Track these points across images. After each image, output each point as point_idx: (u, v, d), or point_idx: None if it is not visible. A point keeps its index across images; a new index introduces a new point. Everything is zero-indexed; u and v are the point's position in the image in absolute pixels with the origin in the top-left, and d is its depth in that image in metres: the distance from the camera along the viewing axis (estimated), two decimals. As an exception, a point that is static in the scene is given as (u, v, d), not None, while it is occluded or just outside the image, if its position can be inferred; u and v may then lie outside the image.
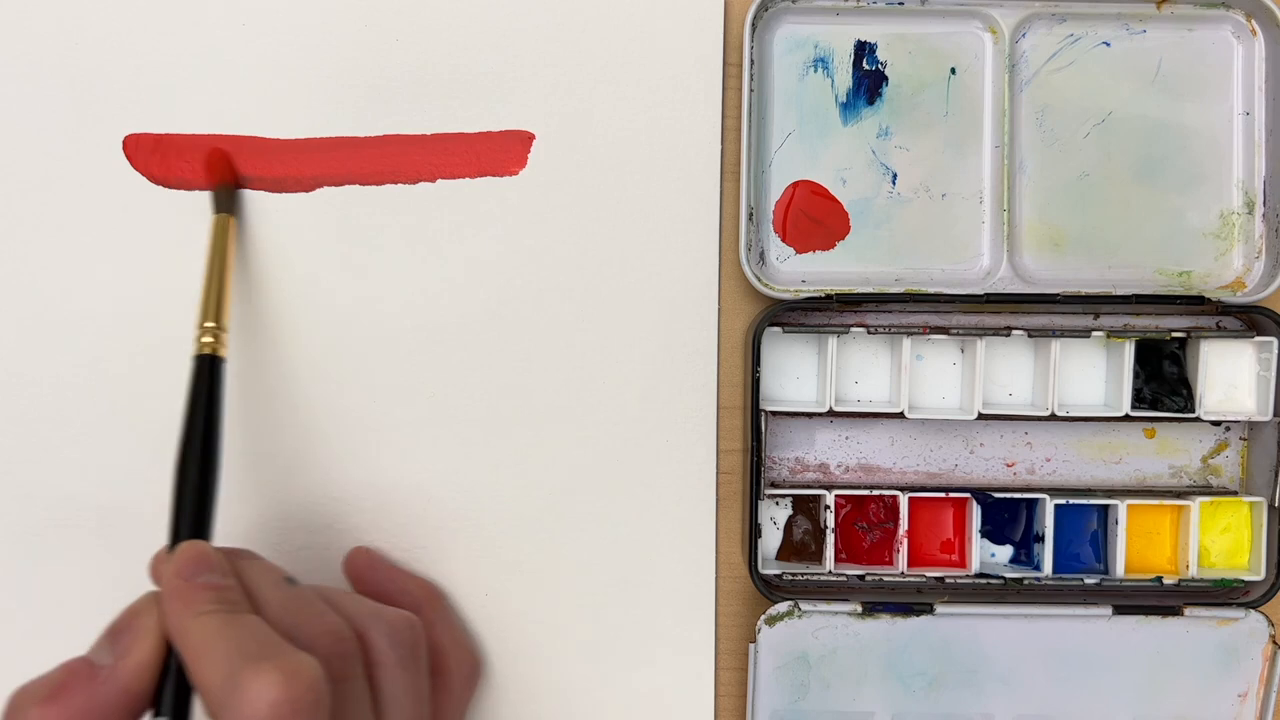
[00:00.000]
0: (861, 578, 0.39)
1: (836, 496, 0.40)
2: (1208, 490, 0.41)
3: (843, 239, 0.40)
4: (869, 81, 0.40)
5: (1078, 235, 0.40)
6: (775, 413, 0.39)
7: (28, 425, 0.40)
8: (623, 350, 0.40)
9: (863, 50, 0.40)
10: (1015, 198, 0.40)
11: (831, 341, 0.39)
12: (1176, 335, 0.39)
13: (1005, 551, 0.41)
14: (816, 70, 0.40)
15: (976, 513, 0.40)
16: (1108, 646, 0.39)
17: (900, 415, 0.39)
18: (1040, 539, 0.40)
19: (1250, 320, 0.40)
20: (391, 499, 0.40)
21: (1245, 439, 0.41)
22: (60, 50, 0.39)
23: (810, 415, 0.40)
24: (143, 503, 0.40)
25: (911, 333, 0.39)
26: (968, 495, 0.40)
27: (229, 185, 0.39)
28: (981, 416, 0.39)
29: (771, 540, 0.40)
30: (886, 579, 0.39)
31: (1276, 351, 0.39)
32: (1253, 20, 0.40)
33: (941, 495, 0.40)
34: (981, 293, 0.39)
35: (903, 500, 0.39)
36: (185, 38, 0.39)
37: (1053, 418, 0.39)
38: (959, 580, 0.39)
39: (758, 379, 0.38)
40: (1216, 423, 0.40)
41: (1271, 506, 0.39)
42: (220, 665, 0.28)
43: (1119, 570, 0.39)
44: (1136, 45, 0.40)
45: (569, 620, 0.40)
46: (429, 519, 0.40)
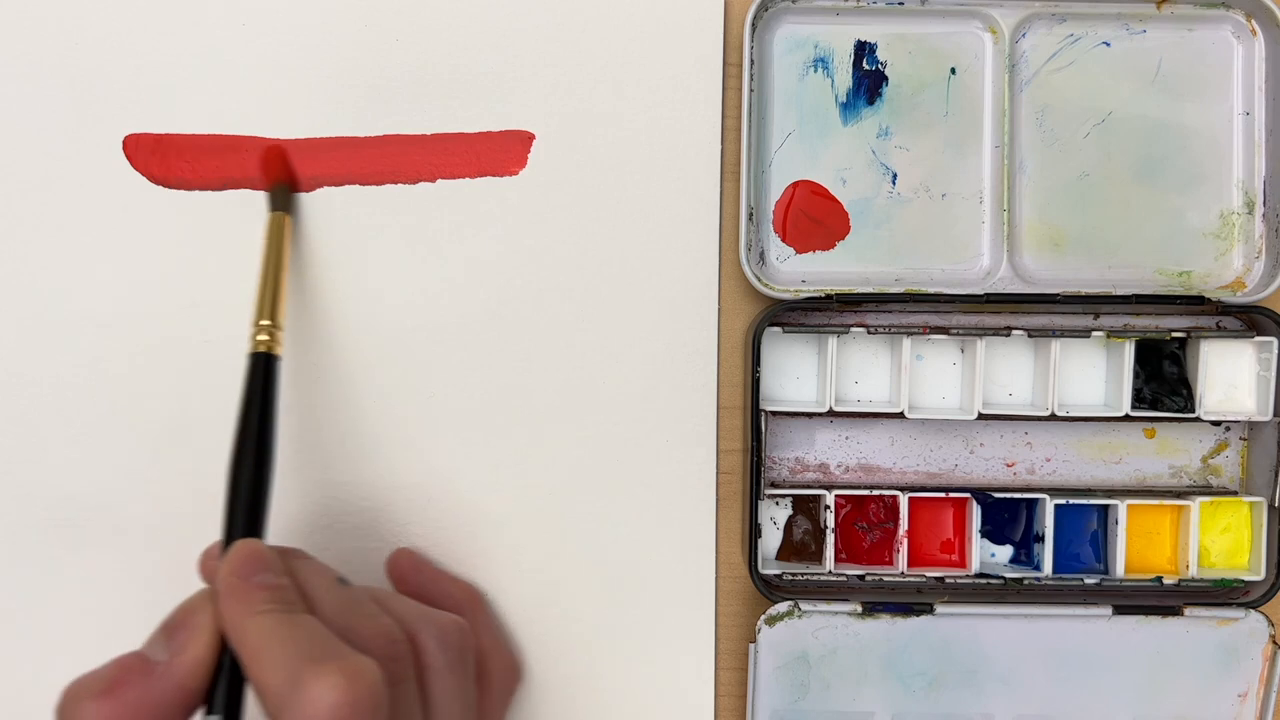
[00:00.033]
0: (861, 578, 0.39)
1: (836, 496, 0.40)
2: (1208, 490, 0.41)
3: (843, 239, 0.40)
4: (869, 81, 0.40)
5: (1078, 235, 0.40)
6: (775, 413, 0.39)
7: (28, 425, 0.40)
8: (623, 350, 0.40)
9: (863, 50, 0.40)
10: (1015, 198, 0.40)
11: (831, 341, 0.39)
12: (1176, 335, 0.39)
13: (1005, 551, 0.41)
14: (816, 70, 0.40)
15: (976, 513, 0.40)
16: (1108, 646, 0.39)
17: (900, 415, 0.39)
18: (1040, 539, 0.40)
19: (1250, 320, 0.40)
20: (391, 499, 0.40)
21: (1245, 439, 0.41)
22: (60, 50, 0.39)
23: (810, 415, 0.40)
24: (143, 502, 0.39)
25: (911, 333, 0.39)
26: (968, 495, 0.40)
27: (285, 184, 0.39)
28: (981, 416, 0.39)
29: (771, 540, 0.40)
30: (886, 579, 0.39)
31: (1276, 351, 0.39)
32: (1253, 20, 0.40)
33: (941, 495, 0.40)
34: (981, 293, 0.39)
35: (903, 500, 0.39)
36: (185, 38, 0.39)
37: (1053, 418, 0.39)
38: (959, 580, 0.39)
39: (758, 379, 0.38)
40: (1216, 423, 0.40)
41: (1271, 506, 0.39)
42: (280, 666, 0.28)
43: (1119, 570, 0.39)
44: (1136, 45, 0.40)
45: (569, 620, 0.40)
46: (428, 518, 0.40)
